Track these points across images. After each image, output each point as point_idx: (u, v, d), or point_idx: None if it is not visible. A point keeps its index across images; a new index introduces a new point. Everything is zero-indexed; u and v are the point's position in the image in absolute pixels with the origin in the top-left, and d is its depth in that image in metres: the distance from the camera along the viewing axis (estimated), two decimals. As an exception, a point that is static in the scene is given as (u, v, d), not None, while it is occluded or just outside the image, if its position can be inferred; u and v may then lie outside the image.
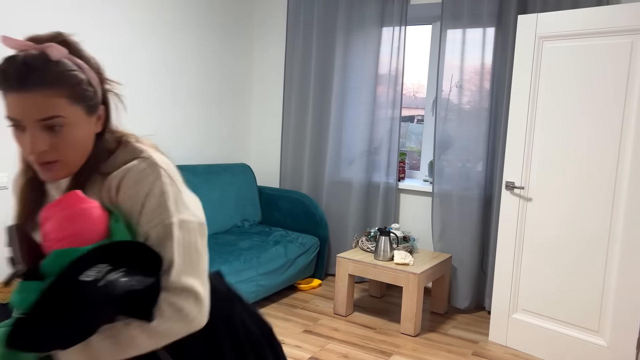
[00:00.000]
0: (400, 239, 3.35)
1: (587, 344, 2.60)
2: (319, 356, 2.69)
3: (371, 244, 3.24)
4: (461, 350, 2.85)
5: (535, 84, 2.70)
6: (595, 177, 2.53)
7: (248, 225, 3.90)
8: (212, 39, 3.98)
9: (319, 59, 3.98)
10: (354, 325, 3.13)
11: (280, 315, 3.21)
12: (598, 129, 2.51)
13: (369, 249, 3.25)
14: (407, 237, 3.38)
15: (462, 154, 3.44)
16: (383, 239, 3.10)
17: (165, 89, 3.62)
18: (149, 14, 3.44)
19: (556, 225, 2.67)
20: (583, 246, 2.59)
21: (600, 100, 2.49)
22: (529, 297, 2.80)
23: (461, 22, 3.38)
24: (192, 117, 3.88)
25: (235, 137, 4.33)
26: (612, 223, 2.48)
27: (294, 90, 4.12)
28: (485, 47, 3.32)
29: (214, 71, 4.02)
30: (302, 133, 4.14)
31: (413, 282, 2.95)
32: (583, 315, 2.61)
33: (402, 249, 3.21)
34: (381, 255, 3.09)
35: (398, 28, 3.64)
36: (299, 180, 4.18)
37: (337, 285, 3.26)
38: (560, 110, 2.63)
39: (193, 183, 3.50)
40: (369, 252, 3.27)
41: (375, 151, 3.83)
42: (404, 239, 3.37)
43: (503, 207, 2.85)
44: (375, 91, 3.78)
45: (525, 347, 2.83)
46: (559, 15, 2.59)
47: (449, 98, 3.48)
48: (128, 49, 3.32)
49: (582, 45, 2.53)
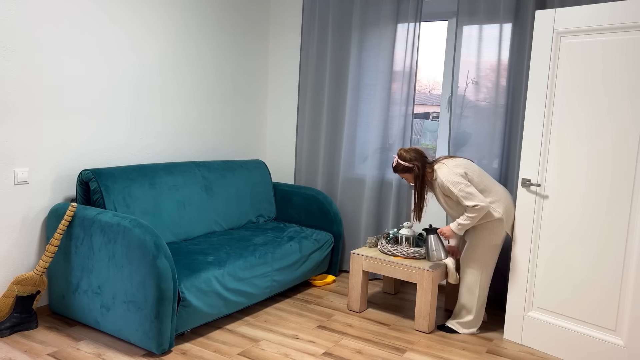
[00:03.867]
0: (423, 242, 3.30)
1: (603, 343, 2.57)
2: (332, 352, 2.70)
3: (392, 246, 3.18)
4: (475, 347, 2.84)
5: (552, 80, 2.68)
6: (613, 174, 2.50)
7: (263, 221, 3.93)
8: (228, 37, 4.00)
9: (334, 56, 3.99)
10: (368, 321, 3.13)
11: (295, 311, 3.23)
12: (617, 125, 2.47)
13: (389, 252, 3.18)
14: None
15: (478, 151, 3.41)
16: (432, 238, 2.85)
17: (181, 86, 3.65)
18: (162, 12, 3.47)
19: (573, 222, 2.64)
20: (600, 244, 2.56)
21: (619, 97, 2.46)
22: (545, 295, 2.78)
23: (477, 18, 3.35)
24: (209, 114, 3.91)
25: (251, 134, 4.36)
26: (631, 221, 2.45)
27: (309, 87, 4.13)
28: (502, 43, 3.29)
29: (230, 69, 4.05)
30: (317, 130, 4.15)
31: (427, 279, 2.94)
32: (600, 313, 2.58)
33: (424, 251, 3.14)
34: (434, 256, 2.84)
35: (413, 24, 3.62)
36: (313, 177, 4.19)
37: (351, 282, 3.27)
38: (578, 107, 2.60)
39: (209, 179, 3.54)
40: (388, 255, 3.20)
41: (389, 148, 3.82)
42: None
43: (519, 205, 2.83)
44: (389, 88, 3.77)
45: (541, 346, 2.81)
46: (578, 10, 2.56)
47: (464, 95, 3.45)
48: (142, 48, 3.36)
49: (602, 41, 2.50)
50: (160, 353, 2.54)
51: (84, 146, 3.07)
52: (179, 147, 3.71)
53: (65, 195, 3.01)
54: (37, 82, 2.79)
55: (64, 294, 2.86)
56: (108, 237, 2.62)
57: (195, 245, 3.12)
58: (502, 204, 2.81)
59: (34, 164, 2.83)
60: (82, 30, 2.98)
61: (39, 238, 2.91)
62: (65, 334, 2.75)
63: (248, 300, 3.04)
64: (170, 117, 3.60)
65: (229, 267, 2.88)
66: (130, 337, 2.60)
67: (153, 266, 2.46)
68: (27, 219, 2.85)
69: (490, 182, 2.86)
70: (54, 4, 2.82)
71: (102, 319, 2.70)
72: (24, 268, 2.86)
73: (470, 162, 2.92)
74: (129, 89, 3.29)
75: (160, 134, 3.54)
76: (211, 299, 2.76)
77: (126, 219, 2.59)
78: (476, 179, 2.80)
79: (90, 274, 2.71)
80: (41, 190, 2.88)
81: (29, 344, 2.61)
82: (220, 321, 3.03)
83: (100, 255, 2.66)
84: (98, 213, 2.71)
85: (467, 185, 2.73)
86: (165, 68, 3.52)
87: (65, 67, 2.91)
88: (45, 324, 2.85)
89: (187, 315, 2.63)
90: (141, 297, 2.51)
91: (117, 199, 2.91)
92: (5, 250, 2.77)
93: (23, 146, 2.77)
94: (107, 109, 3.17)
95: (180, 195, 3.29)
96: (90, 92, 3.07)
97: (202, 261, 2.83)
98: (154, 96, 3.46)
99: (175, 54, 3.58)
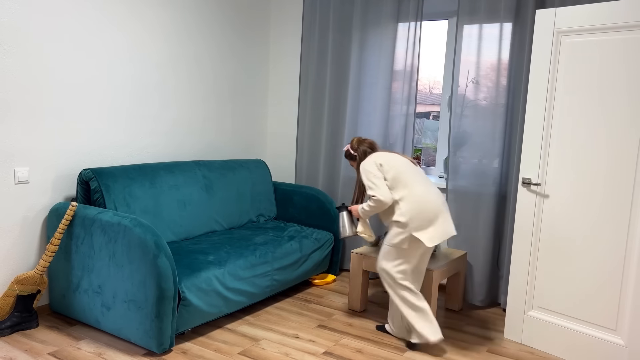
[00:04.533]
0: None
1: (604, 343, 2.57)
2: (333, 351, 2.70)
3: None
4: (476, 347, 2.84)
5: (553, 80, 2.67)
6: (614, 173, 2.50)
7: (263, 221, 3.93)
8: (229, 37, 4.00)
9: (334, 55, 3.99)
10: (368, 320, 3.14)
11: (295, 310, 3.24)
12: (617, 125, 2.47)
13: None
14: None
15: (478, 150, 3.41)
16: (342, 215, 2.97)
17: (181, 85, 3.65)
18: (161, 11, 3.47)
19: (573, 222, 2.64)
20: (601, 244, 2.56)
21: (620, 96, 2.46)
22: (545, 294, 2.78)
23: (478, 17, 3.35)
24: (209, 113, 3.91)
25: (252, 133, 4.36)
26: (631, 220, 2.45)
27: (309, 86, 4.13)
28: (502, 42, 3.29)
29: (230, 68, 4.05)
30: (318, 129, 4.15)
31: (428, 278, 2.94)
32: (600, 313, 2.58)
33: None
34: (341, 233, 2.98)
35: (414, 24, 3.62)
36: (314, 176, 4.19)
37: (352, 281, 3.27)
38: (578, 106, 2.60)
39: (209, 178, 3.54)
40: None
41: (390, 147, 3.82)
42: None
43: (519, 204, 2.83)
44: (390, 87, 3.77)
45: (541, 345, 2.81)
46: (578, 9, 2.56)
47: (465, 94, 3.45)
48: (143, 47, 3.36)
49: (602, 40, 2.50)
50: (161, 352, 2.54)
51: (84, 145, 3.07)
52: (180, 146, 3.71)
53: (65, 195, 3.01)
54: (37, 81, 2.79)
55: (65, 293, 2.86)
56: (108, 237, 2.62)
57: (196, 244, 3.12)
58: (409, 205, 2.62)
59: (34, 163, 2.83)
60: (83, 30, 2.98)
61: (40, 237, 2.92)
62: (65, 333, 2.75)
63: (248, 300, 3.04)
64: (171, 116, 3.60)
65: (230, 267, 2.88)
66: (130, 336, 2.60)
67: (153, 265, 2.46)
68: (28, 218, 2.85)
69: (412, 182, 2.67)
70: (54, 4, 2.81)
71: (102, 318, 2.70)
72: (24, 267, 2.87)
73: (404, 159, 2.78)
74: (130, 88, 3.29)
75: (160, 134, 3.54)
76: (211, 298, 2.76)
77: (127, 218, 2.60)
78: (392, 174, 2.67)
79: (91, 273, 2.72)
80: (42, 190, 2.89)
81: (30, 343, 2.62)
82: (221, 320, 3.03)
83: (101, 254, 2.66)
84: (98, 212, 2.71)
85: (376, 177, 2.66)
86: (165, 67, 3.52)
87: (65, 67, 2.91)
88: (45, 323, 2.85)
89: (187, 314, 2.63)
90: (142, 296, 2.51)
91: (117, 198, 2.91)
92: (6, 249, 2.77)
93: (23, 145, 2.77)
94: (108, 108, 3.18)
95: (181, 194, 3.29)
96: (91, 91, 3.07)
97: (203, 260, 2.83)
98: (154, 95, 3.46)
99: (176, 53, 3.58)
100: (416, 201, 2.62)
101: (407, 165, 2.75)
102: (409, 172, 2.70)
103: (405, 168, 2.72)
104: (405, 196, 2.64)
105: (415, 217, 2.60)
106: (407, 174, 2.69)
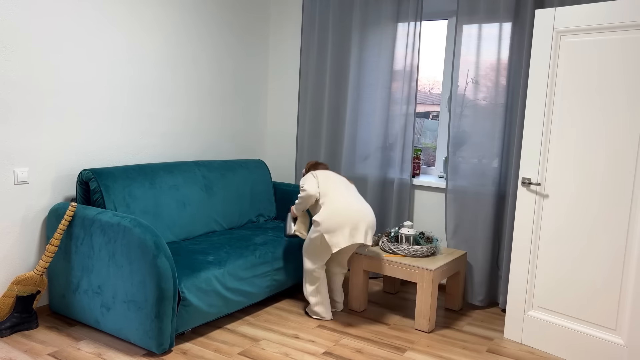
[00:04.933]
0: (424, 240, 3.32)
1: (604, 342, 2.57)
2: (333, 351, 2.70)
3: (393, 244, 3.20)
4: (476, 347, 2.84)
5: (552, 79, 2.67)
6: (613, 172, 2.50)
7: (263, 221, 3.93)
8: (228, 36, 4.00)
9: (334, 55, 3.98)
10: (368, 320, 3.13)
11: (295, 310, 3.24)
12: (617, 124, 2.47)
13: (390, 250, 3.21)
14: (430, 237, 3.34)
15: (478, 150, 3.41)
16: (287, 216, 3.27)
17: (181, 86, 3.65)
18: (160, 10, 3.47)
19: (573, 222, 2.64)
20: (600, 243, 2.56)
21: (619, 96, 2.46)
22: (545, 294, 2.78)
23: (477, 17, 3.35)
24: (209, 113, 3.91)
25: (251, 133, 4.36)
26: (631, 220, 2.45)
27: (309, 86, 4.13)
28: (501, 42, 3.29)
29: (230, 68, 4.05)
30: (318, 129, 4.15)
31: (427, 278, 2.94)
32: (600, 313, 2.58)
33: (426, 250, 3.16)
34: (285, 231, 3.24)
35: (413, 24, 3.62)
36: (313, 176, 4.19)
37: (352, 281, 3.27)
38: (578, 106, 2.60)
39: (209, 178, 3.54)
40: (389, 253, 3.24)
41: (390, 147, 3.82)
42: (427, 239, 3.33)
43: (519, 204, 2.83)
44: (390, 87, 3.77)
45: (541, 345, 2.81)
46: (578, 9, 2.56)
47: (464, 94, 3.45)
48: (142, 48, 3.36)
49: (602, 40, 2.50)
50: (161, 353, 2.54)
51: (83, 146, 3.07)
52: (179, 146, 3.71)
53: (65, 195, 3.01)
54: (37, 82, 2.79)
55: (64, 293, 2.86)
56: (108, 237, 2.62)
57: (196, 244, 3.12)
58: (327, 209, 2.93)
59: (33, 163, 2.83)
60: (83, 31, 2.98)
61: (39, 238, 2.92)
62: (65, 333, 2.75)
63: (248, 300, 3.04)
64: (171, 116, 3.60)
65: (229, 267, 2.88)
66: (130, 336, 2.60)
67: (153, 266, 2.46)
68: (27, 218, 2.85)
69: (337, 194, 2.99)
70: (54, 4, 2.81)
71: (102, 319, 2.70)
72: (24, 268, 2.87)
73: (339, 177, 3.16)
74: (129, 89, 3.29)
75: (160, 134, 3.54)
76: (211, 299, 2.76)
77: (126, 218, 2.59)
78: (323, 185, 3.04)
79: (91, 273, 2.72)
80: (41, 190, 2.89)
81: (29, 343, 2.61)
82: (221, 321, 3.03)
83: (101, 254, 2.66)
84: (98, 213, 2.71)
85: (307, 179, 3.09)
86: (165, 67, 3.52)
87: (65, 67, 2.91)
88: (45, 323, 2.85)
89: (187, 314, 2.63)
90: (141, 296, 2.51)
91: (117, 198, 2.91)
92: (5, 250, 2.77)
93: (23, 146, 2.77)
94: (107, 109, 3.17)
95: (181, 194, 3.29)
96: (91, 91, 3.07)
97: (203, 261, 2.83)
98: (154, 95, 3.46)
99: (176, 53, 3.58)
100: (334, 207, 2.94)
101: (339, 181, 3.12)
102: (338, 187, 3.06)
103: (336, 184, 3.08)
104: (326, 202, 2.98)
105: (328, 220, 2.90)
106: (336, 188, 3.05)
